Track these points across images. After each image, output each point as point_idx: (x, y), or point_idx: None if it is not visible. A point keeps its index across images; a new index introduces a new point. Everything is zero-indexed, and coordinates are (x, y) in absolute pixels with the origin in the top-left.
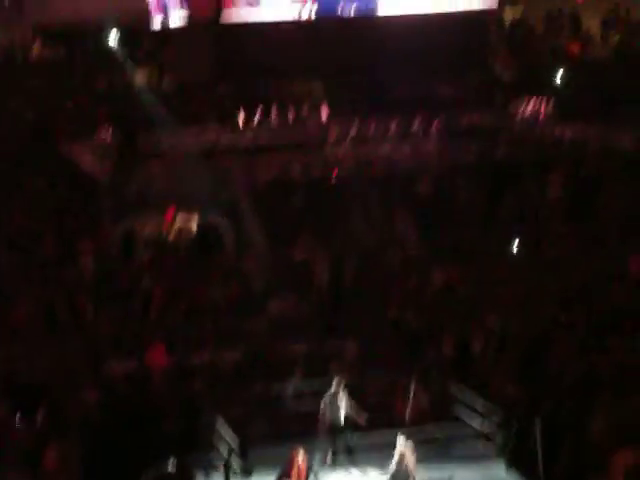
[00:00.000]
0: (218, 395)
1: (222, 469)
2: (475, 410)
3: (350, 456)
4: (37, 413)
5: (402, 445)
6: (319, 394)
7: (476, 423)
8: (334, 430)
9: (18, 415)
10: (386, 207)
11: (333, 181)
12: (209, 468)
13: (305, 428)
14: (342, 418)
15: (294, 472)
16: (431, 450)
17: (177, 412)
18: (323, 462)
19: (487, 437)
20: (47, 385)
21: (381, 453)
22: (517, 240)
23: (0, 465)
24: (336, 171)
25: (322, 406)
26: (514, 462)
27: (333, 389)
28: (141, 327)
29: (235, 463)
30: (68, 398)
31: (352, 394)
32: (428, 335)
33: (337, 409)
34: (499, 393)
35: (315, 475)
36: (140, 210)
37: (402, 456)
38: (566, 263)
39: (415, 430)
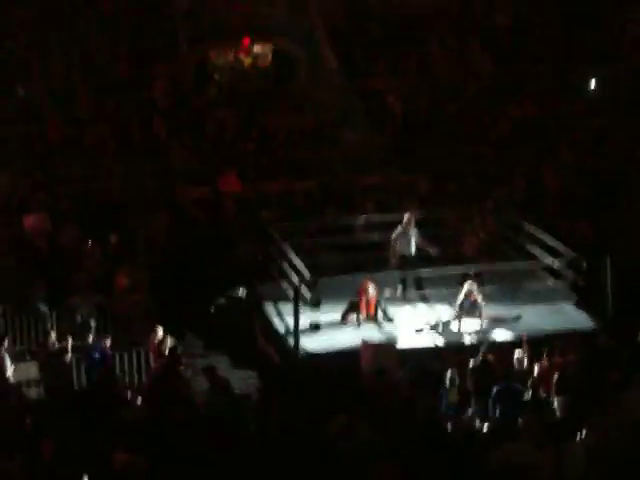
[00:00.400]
0: (290, 225)
1: (292, 298)
2: (546, 248)
3: (419, 290)
4: (109, 237)
5: (470, 280)
6: (391, 227)
7: (546, 261)
8: (404, 263)
9: (91, 239)
10: (462, 38)
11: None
12: (279, 297)
13: (375, 261)
14: (412, 252)
15: (363, 303)
16: (500, 286)
17: (248, 240)
18: (392, 295)
19: (557, 275)
20: (120, 208)
21: (450, 288)
22: (595, 76)
23: (72, 287)
24: None
25: (393, 239)
26: (583, 301)
27: (404, 222)
28: (214, 154)
29: (305, 293)
30: (140, 222)
31: (423, 228)
32: (501, 170)
33: (408, 243)
34: (571, 231)
35: (384, 307)
36: (216, 37)
37: (470, 291)
38: None
39: (485, 266)
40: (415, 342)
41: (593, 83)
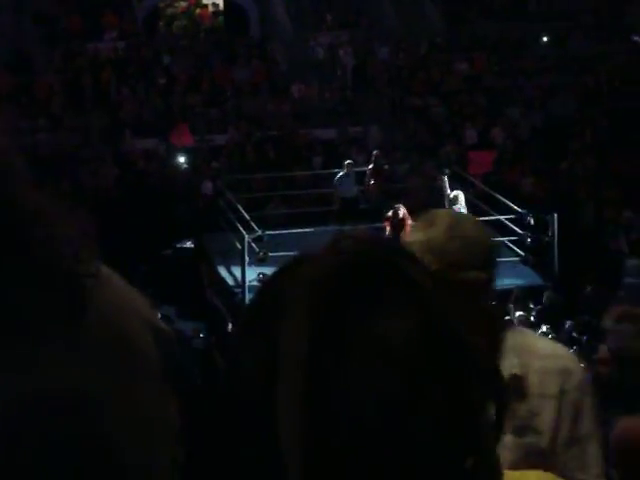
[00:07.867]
0: (239, 178)
1: (239, 251)
2: (494, 203)
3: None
4: (58, 186)
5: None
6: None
7: (494, 217)
8: (344, 207)
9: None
10: None
11: None
12: (227, 250)
13: (324, 215)
14: (354, 193)
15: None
16: None
17: (198, 193)
18: None
19: (505, 231)
20: (68, 158)
21: None
22: (545, 34)
23: None
24: None
25: (335, 182)
26: (530, 257)
27: (345, 170)
28: (164, 106)
29: (253, 246)
30: (89, 172)
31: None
32: (451, 124)
33: (350, 184)
34: (517, 187)
35: None
36: None
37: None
38: (592, 59)
39: None
40: None
41: (544, 39)
